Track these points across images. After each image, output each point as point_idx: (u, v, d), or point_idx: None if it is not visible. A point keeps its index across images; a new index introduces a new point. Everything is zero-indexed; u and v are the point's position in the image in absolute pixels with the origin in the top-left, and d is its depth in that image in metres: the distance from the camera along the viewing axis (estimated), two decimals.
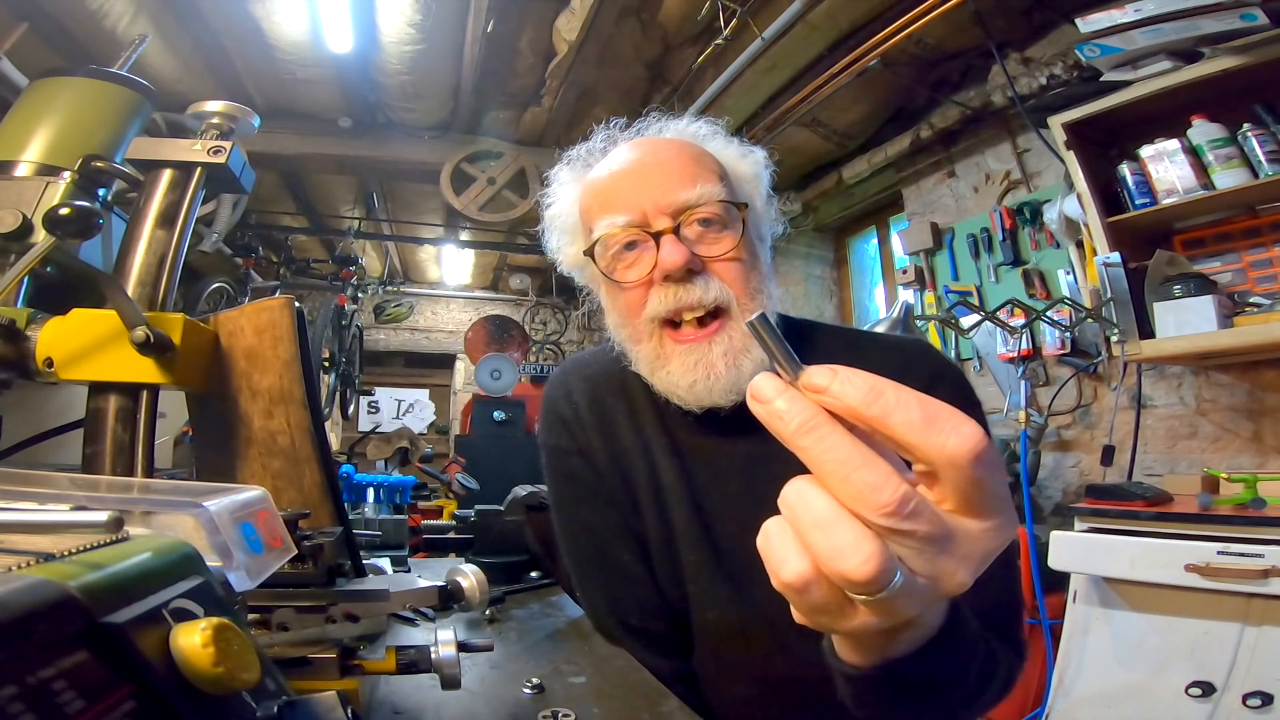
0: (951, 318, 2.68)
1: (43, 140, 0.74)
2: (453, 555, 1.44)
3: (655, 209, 0.73)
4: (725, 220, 0.74)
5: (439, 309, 6.87)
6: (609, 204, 0.76)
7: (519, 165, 3.73)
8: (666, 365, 0.75)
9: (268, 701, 0.34)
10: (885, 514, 0.30)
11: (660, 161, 0.76)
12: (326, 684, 0.53)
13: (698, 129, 0.84)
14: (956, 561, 0.33)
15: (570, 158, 0.86)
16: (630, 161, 0.77)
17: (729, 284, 0.73)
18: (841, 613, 0.35)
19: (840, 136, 3.33)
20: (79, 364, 0.64)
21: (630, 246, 0.75)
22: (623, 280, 0.76)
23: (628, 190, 0.75)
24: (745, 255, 0.75)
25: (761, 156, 0.85)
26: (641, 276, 0.74)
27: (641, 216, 0.74)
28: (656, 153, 0.78)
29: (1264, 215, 2.07)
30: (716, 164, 0.78)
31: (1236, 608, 1.53)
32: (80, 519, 0.35)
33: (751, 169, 0.83)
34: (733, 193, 0.77)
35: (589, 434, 0.85)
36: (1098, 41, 2.00)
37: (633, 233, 0.74)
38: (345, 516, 0.73)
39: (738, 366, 0.73)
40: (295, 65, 3.05)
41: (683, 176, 0.74)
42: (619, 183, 0.77)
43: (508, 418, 4.68)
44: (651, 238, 0.73)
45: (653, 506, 0.81)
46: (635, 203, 0.74)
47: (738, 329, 0.73)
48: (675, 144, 0.80)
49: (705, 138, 0.84)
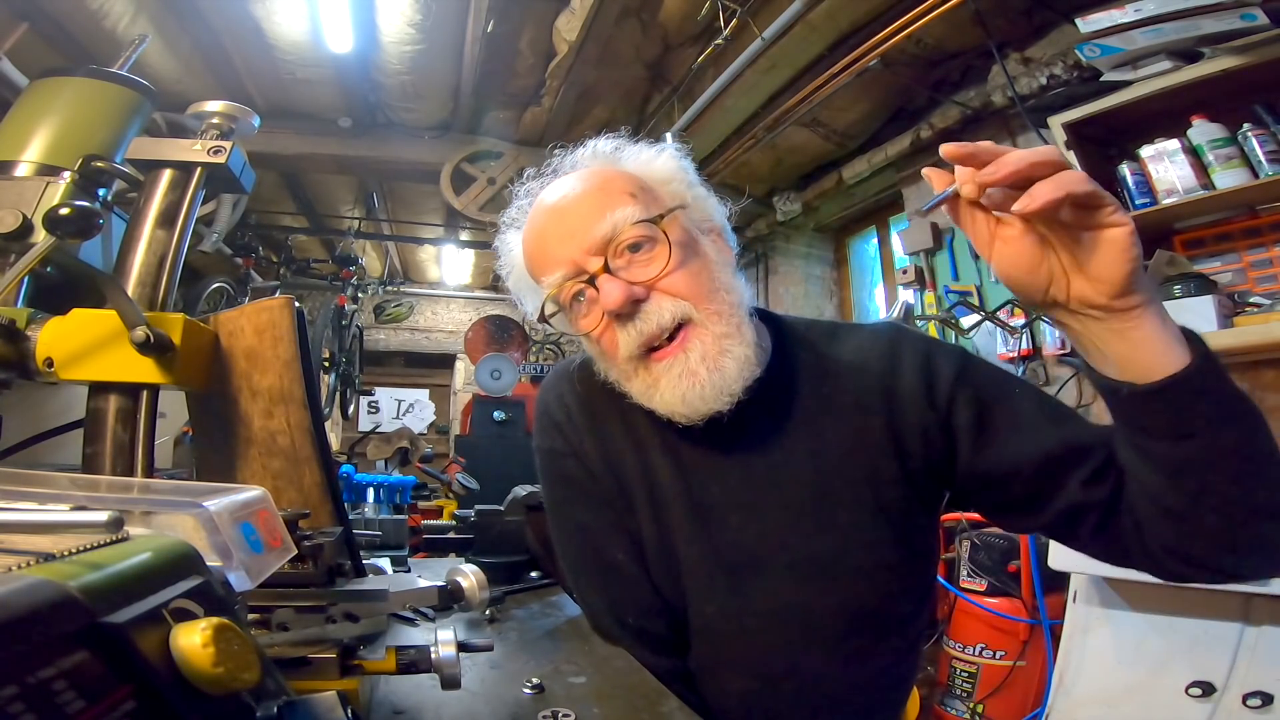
0: (951, 318, 2.68)
1: (43, 140, 0.74)
2: (453, 555, 1.44)
3: (582, 253, 0.73)
4: (650, 237, 0.73)
5: (439, 309, 6.87)
6: (543, 264, 0.77)
7: (519, 165, 3.72)
8: (658, 388, 0.74)
9: (268, 701, 0.34)
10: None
11: (571, 205, 0.76)
12: (326, 684, 0.53)
13: (610, 148, 0.83)
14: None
15: (506, 223, 0.87)
16: (546, 214, 0.78)
17: (680, 296, 0.73)
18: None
19: (840, 136, 3.33)
20: (79, 364, 0.64)
21: (579, 296, 0.75)
22: (586, 330, 0.77)
23: (553, 244, 0.76)
24: (686, 259, 0.74)
25: (671, 150, 0.83)
26: (598, 322, 0.75)
27: (573, 266, 0.74)
28: (565, 197, 0.77)
29: (1264, 215, 2.07)
30: (626, 182, 0.77)
31: (1236, 607, 1.54)
32: (80, 519, 0.35)
33: (667, 168, 0.81)
34: (648, 206, 0.75)
35: (582, 436, 0.85)
36: (1098, 41, 2.00)
37: (572, 285, 0.74)
38: (345, 516, 0.73)
39: (720, 369, 0.72)
40: (295, 65, 3.05)
41: (593, 211, 0.74)
42: (543, 241, 0.77)
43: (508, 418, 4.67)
44: (588, 284, 0.74)
45: (648, 505, 0.81)
46: (563, 255, 0.74)
47: (707, 332, 0.73)
48: (582, 178, 0.79)
49: (611, 155, 0.83)
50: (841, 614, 0.76)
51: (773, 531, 0.77)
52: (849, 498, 0.76)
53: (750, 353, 0.73)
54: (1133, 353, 0.57)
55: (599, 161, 0.83)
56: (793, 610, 0.76)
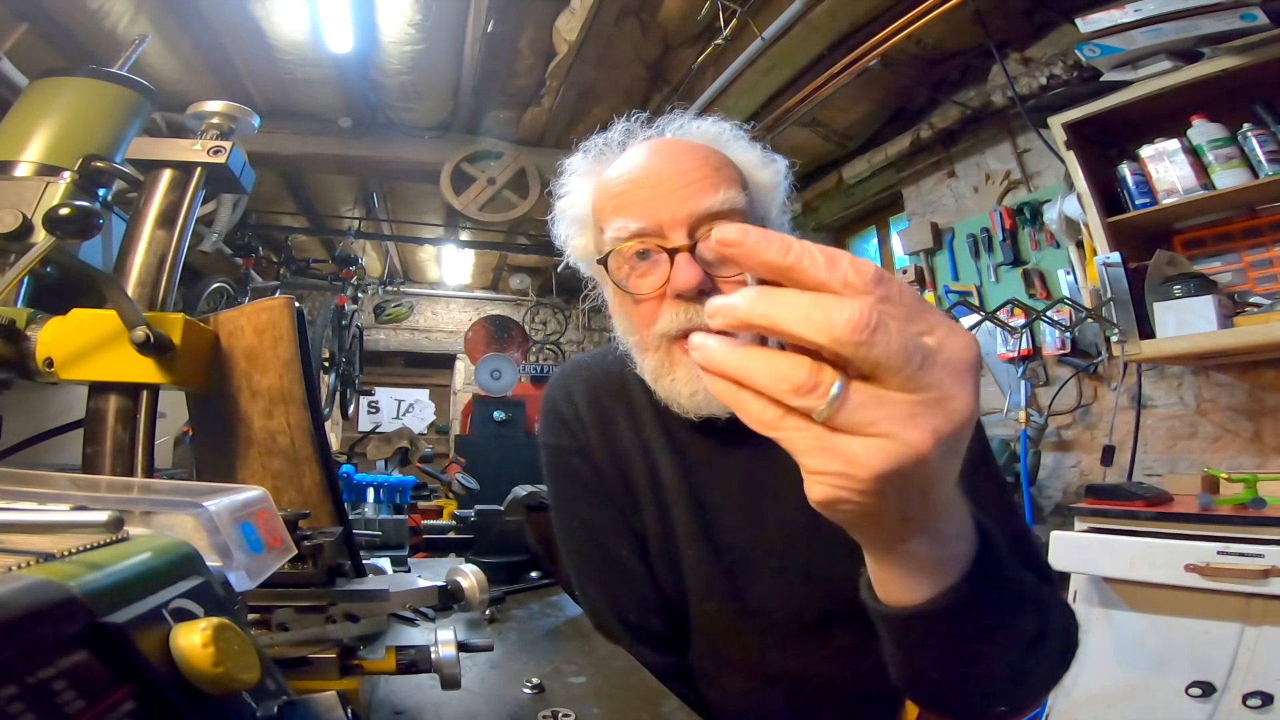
0: (951, 318, 2.68)
1: (43, 140, 0.74)
2: (453, 555, 1.44)
3: (672, 220, 0.70)
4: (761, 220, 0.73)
5: (439, 309, 6.87)
6: (623, 208, 0.73)
7: (519, 165, 3.73)
8: (672, 373, 0.74)
9: (268, 701, 0.34)
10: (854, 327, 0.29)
11: (681, 170, 0.72)
12: (326, 684, 0.53)
13: (720, 131, 0.81)
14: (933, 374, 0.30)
15: (587, 148, 0.83)
16: (648, 166, 0.74)
17: None
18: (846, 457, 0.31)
19: (840, 136, 3.33)
20: (79, 364, 0.64)
21: (643, 255, 0.72)
22: (635, 291, 0.74)
23: (644, 197, 0.72)
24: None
25: (783, 167, 0.82)
26: (654, 290, 0.72)
27: (657, 226, 0.70)
28: (676, 158, 0.73)
29: (1264, 215, 2.07)
30: (738, 173, 0.75)
31: (1236, 608, 1.53)
32: (80, 519, 0.35)
33: (772, 179, 0.80)
34: (752, 204, 0.74)
35: (588, 433, 0.86)
36: (1098, 41, 2.00)
37: (647, 242, 0.71)
38: (345, 516, 0.73)
39: None
40: (295, 65, 3.05)
41: (703, 185, 0.70)
42: (636, 187, 0.73)
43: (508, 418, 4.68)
44: (666, 252, 0.70)
45: (652, 504, 0.82)
46: (651, 211, 0.71)
47: None
48: (697, 149, 0.75)
49: (728, 142, 0.80)
50: (836, 615, 0.77)
51: (770, 534, 0.78)
52: None
53: None
54: (872, 569, 0.47)
55: (713, 141, 0.79)
56: (789, 610, 0.77)
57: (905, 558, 0.43)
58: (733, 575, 0.79)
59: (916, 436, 0.30)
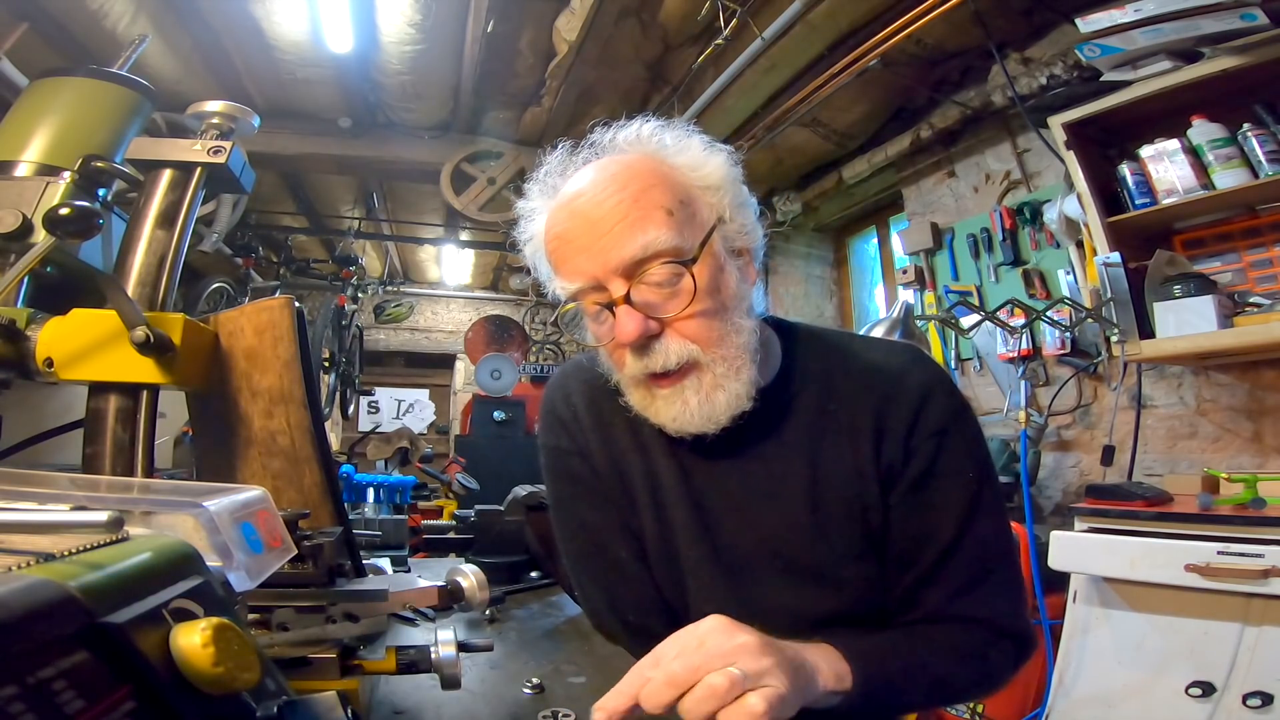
0: (951, 318, 2.68)
1: (43, 140, 0.74)
2: (453, 555, 1.44)
3: (605, 271, 0.70)
4: (677, 274, 0.71)
5: (439, 309, 6.87)
6: (559, 267, 0.75)
7: (519, 165, 3.72)
8: (654, 405, 0.76)
9: (268, 701, 0.34)
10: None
11: (605, 211, 0.71)
12: (326, 684, 0.53)
13: (649, 135, 0.78)
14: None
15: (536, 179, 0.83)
16: (575, 212, 0.73)
17: (690, 339, 0.72)
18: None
19: (840, 136, 3.33)
20: (79, 364, 0.64)
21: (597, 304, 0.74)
22: (597, 339, 0.77)
23: (574, 252, 0.73)
24: (707, 300, 0.73)
25: (724, 158, 0.78)
26: (608, 340, 0.75)
27: (593, 280, 0.71)
28: (595, 199, 0.72)
29: (1264, 215, 2.06)
30: (665, 193, 0.72)
31: (1236, 608, 1.53)
32: (80, 519, 0.35)
33: (716, 176, 0.77)
34: (684, 229, 0.71)
35: (587, 435, 0.86)
36: (1098, 41, 2.00)
37: (589, 298, 0.73)
38: (345, 516, 0.73)
39: (711, 402, 0.74)
40: (295, 65, 3.05)
41: (624, 229, 0.70)
42: (565, 244, 0.74)
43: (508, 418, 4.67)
44: (606, 308, 0.72)
45: (650, 505, 0.82)
46: (584, 268, 0.72)
47: (709, 373, 0.74)
48: (618, 180, 0.73)
49: (657, 146, 0.77)
50: (837, 615, 0.77)
51: (769, 537, 0.79)
52: (841, 513, 0.78)
53: (743, 389, 0.75)
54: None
55: (643, 151, 0.77)
56: (790, 610, 0.77)
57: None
58: (732, 577, 0.79)
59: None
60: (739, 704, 0.52)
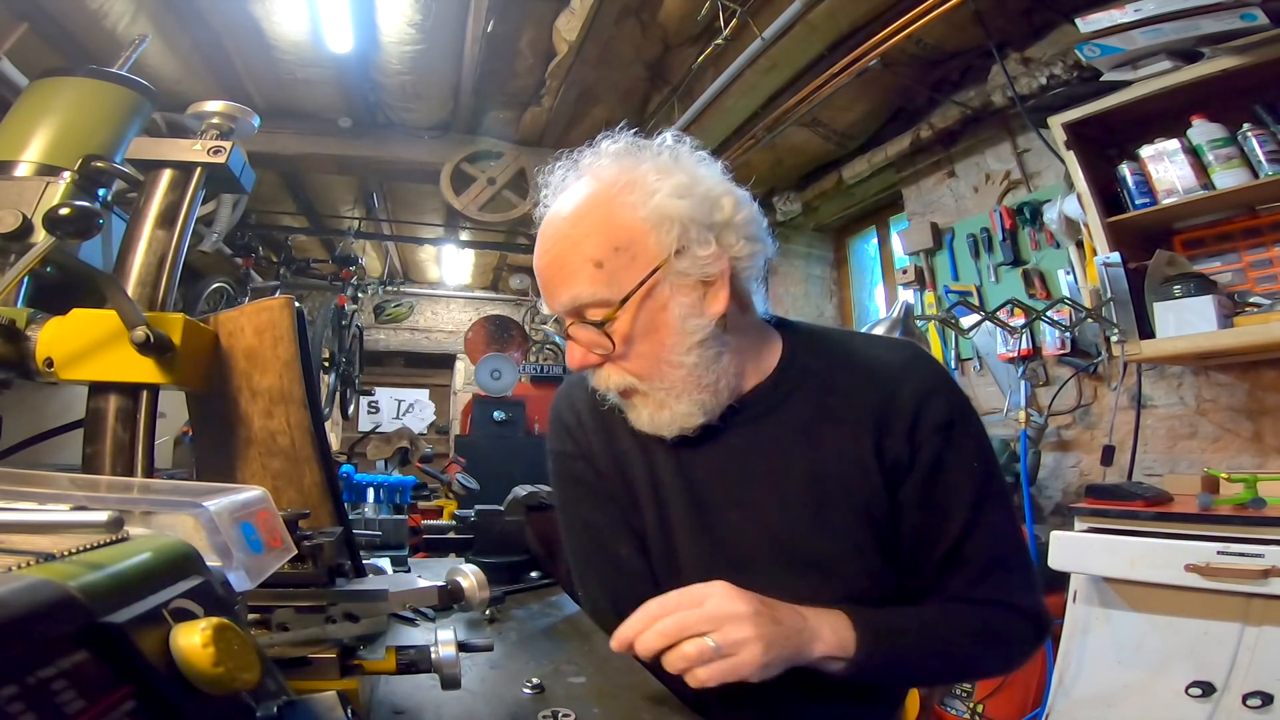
0: (951, 318, 2.68)
1: (43, 140, 0.74)
2: (453, 555, 1.44)
3: (556, 309, 0.78)
4: (606, 319, 0.74)
5: (439, 309, 6.87)
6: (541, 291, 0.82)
7: (519, 165, 3.73)
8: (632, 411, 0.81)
9: (268, 701, 0.34)
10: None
11: (547, 261, 0.78)
12: (326, 684, 0.53)
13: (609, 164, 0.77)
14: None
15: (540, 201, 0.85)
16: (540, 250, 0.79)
17: (628, 372, 0.77)
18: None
19: (840, 136, 3.33)
20: (79, 364, 0.64)
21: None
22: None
23: (541, 283, 0.80)
24: (636, 343, 0.75)
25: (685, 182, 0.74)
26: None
27: (554, 311, 0.79)
28: (545, 247, 0.78)
29: (1264, 215, 2.06)
30: (597, 244, 0.73)
31: (1236, 608, 1.53)
32: (80, 519, 0.35)
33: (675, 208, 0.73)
34: (614, 278, 0.72)
35: (591, 438, 0.89)
36: (1098, 41, 2.00)
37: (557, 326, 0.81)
38: (345, 516, 0.73)
39: (657, 418, 0.79)
40: (295, 65, 3.05)
41: (561, 279, 0.76)
42: (537, 274, 0.81)
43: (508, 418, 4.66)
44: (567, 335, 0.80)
45: (652, 503, 0.85)
46: (547, 299, 0.80)
47: (649, 398, 0.78)
48: (567, 222, 0.75)
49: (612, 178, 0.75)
50: (839, 605, 0.78)
51: (770, 529, 0.80)
52: (843, 506, 0.79)
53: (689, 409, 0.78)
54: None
55: (598, 183, 0.76)
56: (792, 601, 0.78)
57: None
58: (733, 569, 0.79)
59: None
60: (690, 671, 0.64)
